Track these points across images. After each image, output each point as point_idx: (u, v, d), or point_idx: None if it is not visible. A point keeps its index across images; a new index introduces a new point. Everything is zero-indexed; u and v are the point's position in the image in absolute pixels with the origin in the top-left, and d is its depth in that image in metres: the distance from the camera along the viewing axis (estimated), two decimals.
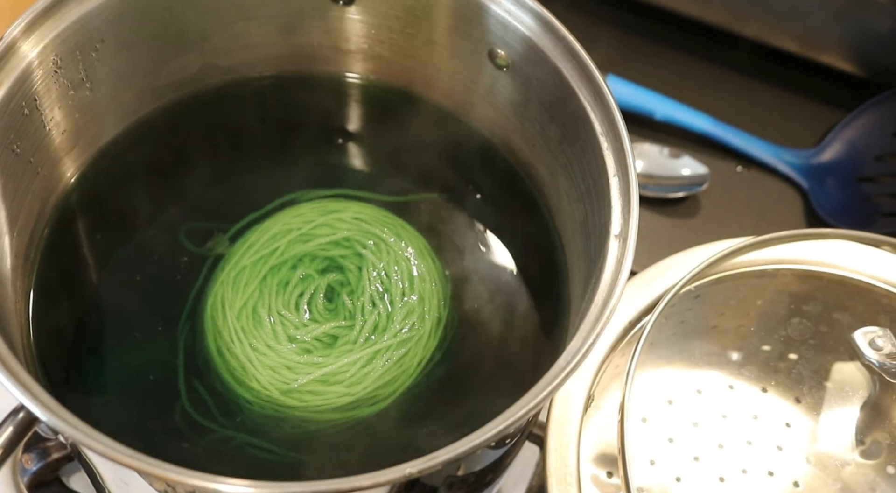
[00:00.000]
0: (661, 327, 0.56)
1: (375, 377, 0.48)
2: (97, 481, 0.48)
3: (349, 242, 0.52)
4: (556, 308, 0.51)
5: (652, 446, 0.56)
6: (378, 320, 0.50)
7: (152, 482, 0.40)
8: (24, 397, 0.37)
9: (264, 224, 0.52)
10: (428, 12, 0.52)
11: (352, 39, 0.56)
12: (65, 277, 0.50)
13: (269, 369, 0.48)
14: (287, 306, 0.50)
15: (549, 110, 0.50)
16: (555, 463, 0.50)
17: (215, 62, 0.56)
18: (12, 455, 0.42)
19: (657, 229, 0.73)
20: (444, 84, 0.56)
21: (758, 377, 0.58)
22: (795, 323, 0.58)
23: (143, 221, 0.53)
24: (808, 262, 0.56)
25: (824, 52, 0.78)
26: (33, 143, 0.48)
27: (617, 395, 0.54)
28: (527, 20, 0.49)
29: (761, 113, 0.79)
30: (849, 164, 0.76)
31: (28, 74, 0.46)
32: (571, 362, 0.39)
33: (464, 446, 0.37)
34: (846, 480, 0.55)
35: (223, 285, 0.50)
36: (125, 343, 0.49)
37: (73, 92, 0.50)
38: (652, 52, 0.81)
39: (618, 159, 0.45)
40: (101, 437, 0.37)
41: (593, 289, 0.43)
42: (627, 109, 0.74)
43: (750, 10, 0.77)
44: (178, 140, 0.55)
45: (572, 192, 0.50)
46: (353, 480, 0.36)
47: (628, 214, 0.44)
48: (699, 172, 0.73)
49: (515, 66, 0.51)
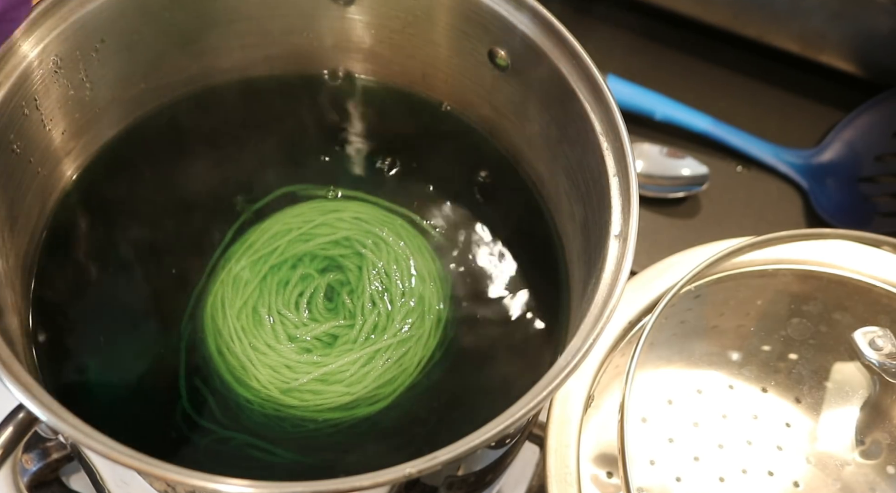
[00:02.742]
0: (661, 327, 0.56)
1: (375, 377, 0.49)
2: (97, 481, 0.48)
3: (349, 242, 0.52)
4: (556, 308, 0.51)
5: (652, 446, 0.56)
6: (378, 320, 0.50)
7: (152, 482, 0.40)
8: (24, 397, 0.37)
9: (264, 224, 0.52)
10: (428, 12, 0.52)
11: (352, 39, 0.56)
12: (65, 276, 0.50)
13: (269, 369, 0.48)
14: (287, 305, 0.50)
15: (549, 110, 0.50)
16: (555, 463, 0.50)
17: (215, 62, 0.56)
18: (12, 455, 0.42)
19: (657, 229, 0.73)
20: (445, 84, 0.56)
21: (758, 377, 0.58)
22: (795, 323, 0.58)
23: (143, 221, 0.53)
24: (808, 262, 0.56)
25: (824, 52, 0.78)
26: (33, 143, 0.48)
27: (617, 395, 0.54)
28: (527, 20, 0.49)
29: (761, 113, 0.79)
30: (849, 164, 0.76)
31: (28, 74, 0.46)
32: (571, 362, 0.39)
33: (464, 446, 0.37)
34: (846, 480, 0.55)
35: (223, 285, 0.50)
36: (125, 343, 0.49)
37: (73, 92, 0.50)
38: (652, 52, 0.81)
39: (618, 159, 0.45)
40: (101, 437, 0.37)
41: (593, 289, 0.43)
42: (627, 109, 0.74)
43: (750, 10, 0.77)
44: (178, 140, 0.55)
45: (572, 192, 0.50)
46: (353, 480, 0.36)
47: (628, 214, 0.44)
48: (699, 172, 0.73)
49: (515, 66, 0.51)
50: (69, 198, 0.52)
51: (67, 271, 0.51)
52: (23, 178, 0.48)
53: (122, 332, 0.49)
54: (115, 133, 0.54)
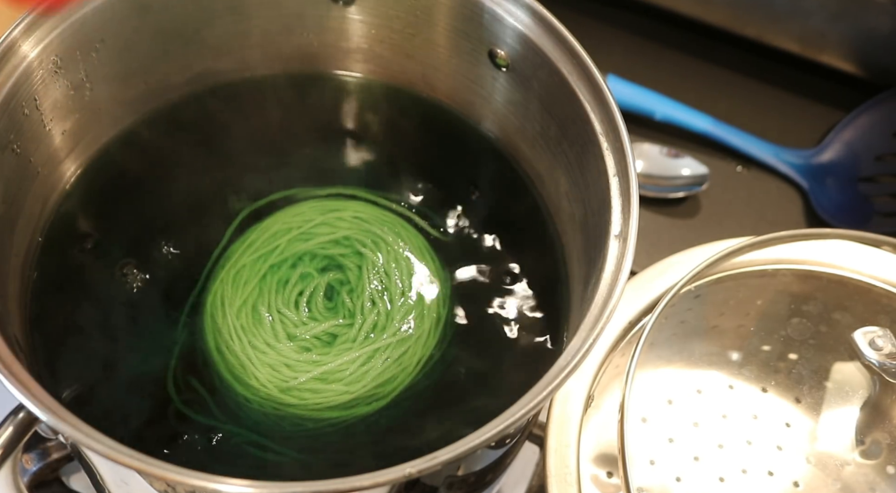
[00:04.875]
0: (661, 327, 0.56)
1: (374, 376, 0.48)
2: (97, 481, 0.48)
3: (349, 241, 0.52)
4: (556, 308, 0.51)
5: (652, 446, 0.56)
6: (377, 319, 0.50)
7: (152, 482, 0.40)
8: (24, 397, 0.37)
9: (264, 223, 0.52)
10: (428, 12, 0.52)
11: (352, 39, 0.56)
12: (65, 276, 0.50)
13: (269, 367, 0.48)
14: (287, 304, 0.50)
15: (549, 110, 0.50)
16: (555, 463, 0.50)
17: (215, 62, 0.56)
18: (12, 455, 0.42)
19: (657, 229, 0.73)
20: (444, 84, 0.56)
21: (758, 377, 0.58)
22: (795, 323, 0.58)
23: (143, 221, 0.53)
24: (808, 262, 0.56)
25: (824, 52, 0.78)
26: (33, 143, 0.48)
27: (617, 395, 0.54)
28: (527, 20, 0.49)
29: (761, 113, 0.79)
30: (849, 164, 0.76)
31: (28, 74, 0.46)
32: (571, 362, 0.39)
33: (464, 446, 0.37)
34: (846, 480, 0.55)
35: (223, 283, 0.50)
36: (125, 342, 0.49)
37: (73, 92, 0.50)
38: (652, 52, 0.81)
39: (618, 159, 0.45)
40: (101, 437, 0.37)
41: (593, 289, 0.43)
42: (627, 109, 0.74)
43: (750, 10, 0.77)
44: (178, 140, 0.55)
45: (572, 192, 0.50)
46: (353, 480, 0.36)
47: (628, 214, 0.44)
48: (699, 172, 0.73)
49: (515, 66, 0.51)
50: (69, 198, 0.52)
51: (67, 271, 0.51)
52: (23, 178, 0.48)
53: (123, 331, 0.49)
54: (115, 133, 0.54)
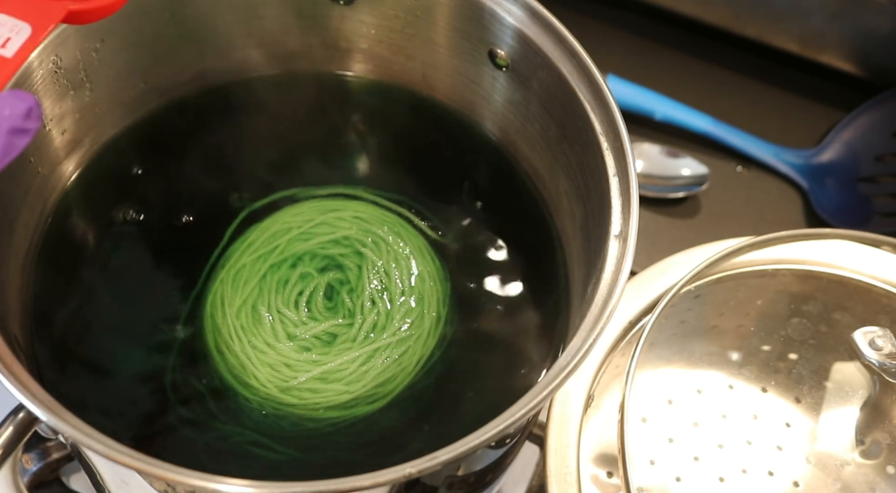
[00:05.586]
0: (661, 327, 0.56)
1: (374, 375, 0.48)
2: (97, 481, 0.48)
3: (349, 241, 0.52)
4: (556, 308, 0.51)
5: (652, 446, 0.56)
6: (377, 319, 0.50)
7: (152, 482, 0.40)
8: (24, 397, 0.37)
9: (264, 222, 0.52)
10: (428, 12, 0.52)
11: (352, 39, 0.56)
12: (65, 276, 0.50)
13: (268, 367, 0.48)
14: (286, 304, 0.50)
15: (549, 110, 0.50)
16: (555, 463, 0.50)
17: (215, 62, 0.56)
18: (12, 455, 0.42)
19: (657, 229, 0.73)
20: (444, 84, 0.56)
21: (758, 377, 0.58)
22: (795, 323, 0.58)
23: (144, 221, 0.53)
24: (808, 262, 0.56)
25: (824, 52, 0.78)
26: (33, 143, 0.48)
27: (617, 395, 0.54)
28: (527, 20, 0.49)
29: (761, 113, 0.79)
30: (849, 164, 0.76)
31: (28, 74, 0.46)
32: (571, 362, 0.39)
33: (464, 446, 0.37)
34: (846, 480, 0.55)
35: (223, 283, 0.50)
36: (125, 342, 0.49)
37: (73, 92, 0.50)
38: (652, 53, 0.81)
39: (618, 159, 0.45)
40: (101, 437, 0.37)
41: (593, 289, 0.43)
42: (627, 109, 0.74)
43: (750, 10, 0.77)
44: (178, 140, 0.55)
45: (572, 192, 0.50)
46: (353, 480, 0.36)
47: (628, 214, 0.44)
48: (699, 172, 0.73)
49: (515, 66, 0.51)
50: (69, 198, 0.52)
51: (67, 271, 0.51)
52: (23, 178, 0.48)
53: (122, 331, 0.49)
54: (115, 133, 0.54)
